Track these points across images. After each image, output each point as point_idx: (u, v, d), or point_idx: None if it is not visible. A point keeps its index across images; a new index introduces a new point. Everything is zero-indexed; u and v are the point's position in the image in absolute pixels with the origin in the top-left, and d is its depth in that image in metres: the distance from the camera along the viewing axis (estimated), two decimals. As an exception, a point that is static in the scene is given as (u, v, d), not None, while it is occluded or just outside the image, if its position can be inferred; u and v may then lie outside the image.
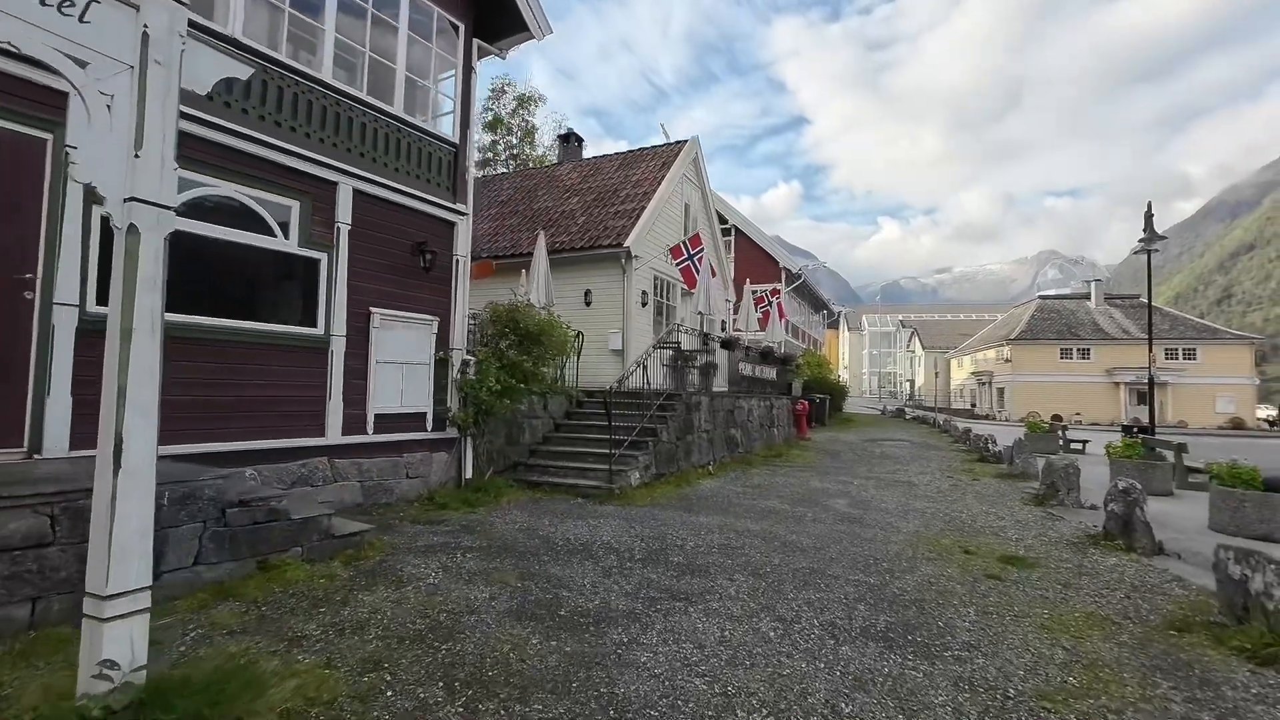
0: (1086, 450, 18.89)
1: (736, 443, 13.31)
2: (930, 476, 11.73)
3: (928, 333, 67.70)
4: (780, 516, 7.57)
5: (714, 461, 11.68)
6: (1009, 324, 48.56)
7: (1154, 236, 15.95)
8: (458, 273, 8.17)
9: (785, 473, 11.59)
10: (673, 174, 15.98)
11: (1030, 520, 7.84)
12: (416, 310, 7.64)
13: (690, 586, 4.77)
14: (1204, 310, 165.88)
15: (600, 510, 7.42)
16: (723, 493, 9.06)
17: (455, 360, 8.09)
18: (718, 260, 19.61)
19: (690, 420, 10.84)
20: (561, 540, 5.93)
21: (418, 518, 6.55)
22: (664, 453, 9.64)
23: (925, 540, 6.62)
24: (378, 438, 7.15)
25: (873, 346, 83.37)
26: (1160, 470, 11.38)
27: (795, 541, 6.35)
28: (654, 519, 7.05)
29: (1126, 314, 43.77)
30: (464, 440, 8.15)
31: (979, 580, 5.26)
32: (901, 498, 9.23)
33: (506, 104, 28.55)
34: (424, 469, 7.67)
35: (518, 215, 17.08)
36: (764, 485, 9.96)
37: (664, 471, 9.56)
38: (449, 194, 8.16)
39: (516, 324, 8.35)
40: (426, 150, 7.91)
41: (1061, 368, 41.79)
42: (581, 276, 14.45)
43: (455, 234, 8.20)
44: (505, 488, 8.15)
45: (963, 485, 10.71)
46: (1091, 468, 13.38)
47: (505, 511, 7.13)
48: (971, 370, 52.48)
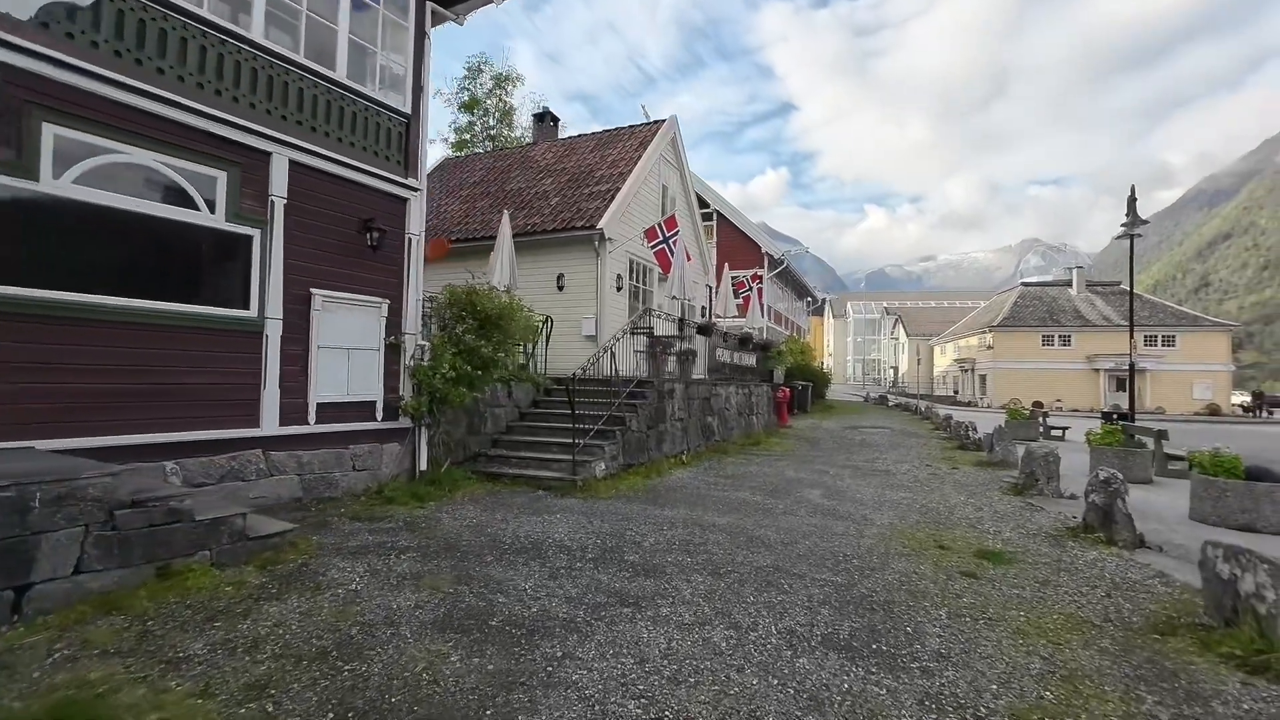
0: (1067, 437, 18.82)
1: (713, 431, 12.96)
2: (909, 465, 11.47)
3: (912, 320, 67.79)
4: (750, 509, 7.22)
5: (688, 451, 11.33)
6: (992, 311, 48.67)
7: (1136, 221, 15.74)
8: (410, 252, 7.67)
9: (761, 462, 11.27)
10: (649, 154, 15.48)
11: (1008, 511, 7.56)
12: (364, 292, 7.15)
13: (642, 589, 4.39)
14: (1182, 298, 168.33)
15: (560, 504, 7.02)
16: (693, 484, 8.70)
17: (408, 345, 7.62)
18: (697, 244, 19.19)
19: (662, 409, 10.45)
20: (511, 538, 5.52)
21: (359, 514, 6.11)
22: (633, 442, 9.26)
23: (899, 534, 6.31)
24: (320, 428, 6.69)
25: (857, 334, 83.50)
26: (1140, 457, 11.21)
27: (762, 537, 6.00)
28: (615, 513, 6.67)
29: (1107, 301, 43.98)
30: (418, 430, 7.70)
31: (953, 578, 4.94)
32: (878, 488, 8.93)
33: (483, 84, 27.73)
34: (373, 461, 7.22)
35: (490, 196, 16.50)
36: (738, 475, 9.62)
37: (633, 462, 9.18)
38: (400, 168, 7.64)
39: (474, 308, 7.88)
40: (374, 121, 7.38)
41: (1043, 355, 41.96)
42: (554, 259, 13.96)
43: (407, 211, 7.70)
44: (462, 480, 7.73)
45: (941, 474, 10.45)
46: (1071, 455, 13.21)
47: (457, 506, 6.71)
48: (954, 357, 52.64)
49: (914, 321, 67.33)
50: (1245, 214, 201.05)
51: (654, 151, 15.75)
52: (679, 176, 17.65)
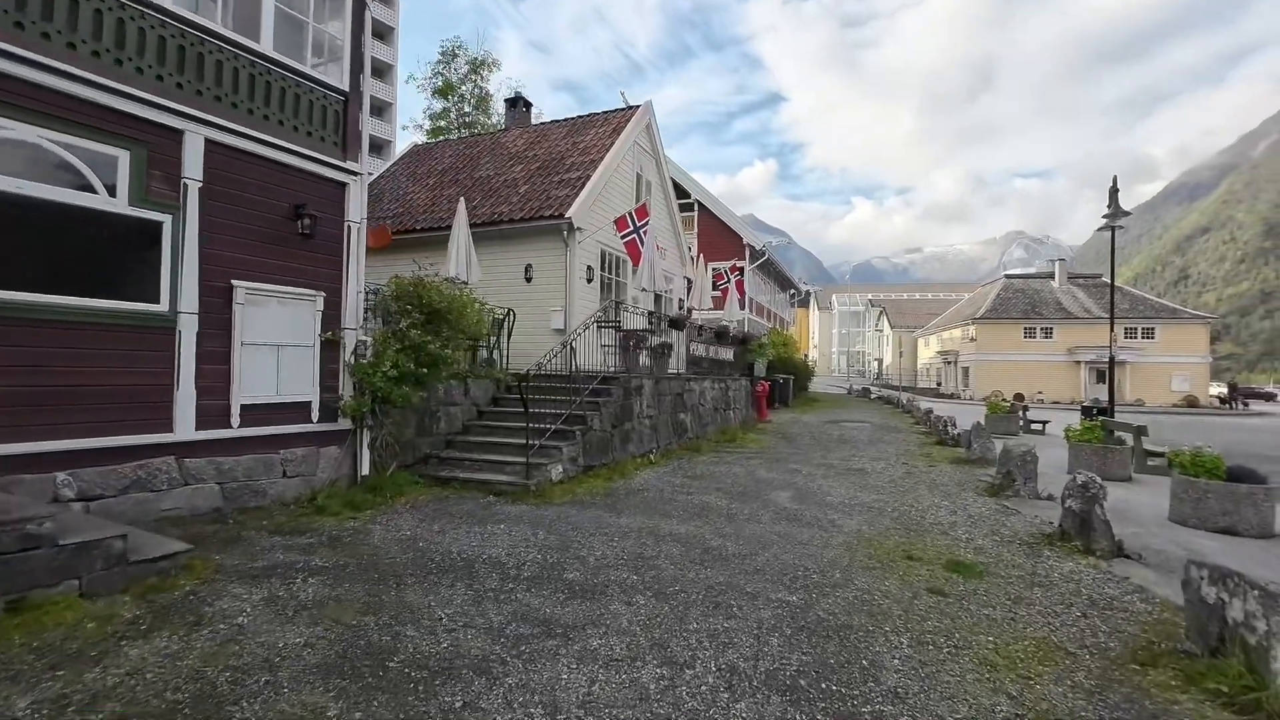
0: (1046, 431, 18.65)
1: (685, 428, 12.56)
2: (885, 463, 11.13)
3: (896, 312, 67.89)
4: (713, 515, 6.81)
5: (657, 450, 10.91)
6: (975, 303, 48.72)
7: (1118, 212, 15.49)
8: (350, 242, 7.14)
9: (733, 460, 10.88)
10: (623, 140, 14.95)
11: (983, 515, 7.22)
12: (296, 284, 6.62)
13: (574, 616, 3.95)
14: (1161, 291, 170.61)
15: (508, 512, 6.57)
16: (658, 486, 8.28)
17: (348, 341, 7.11)
18: (674, 235, 18.71)
19: (629, 406, 10.01)
20: (442, 554, 5.06)
21: (282, 526, 5.61)
22: (595, 442, 8.81)
23: (867, 542, 5.93)
24: (246, 431, 6.17)
25: (842, 325, 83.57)
26: (1119, 454, 10.96)
27: (720, 548, 5.59)
28: (566, 522, 6.23)
29: (1089, 293, 44.13)
30: (360, 432, 7.20)
31: (919, 596, 4.55)
32: (850, 489, 8.57)
33: (459, 69, 26.96)
34: (308, 466, 6.71)
35: (458, 184, 15.90)
36: (706, 476, 9.22)
37: (594, 463, 8.74)
38: (337, 150, 7.09)
39: (420, 301, 7.37)
40: (307, 98, 6.81)
41: (1025, 347, 42.04)
42: (522, 250, 13.43)
43: (346, 196, 7.15)
44: (408, 485, 7.25)
45: (917, 473, 10.12)
46: (1051, 451, 12.97)
47: (394, 516, 6.23)
48: (938, 349, 52.72)
49: (898, 313, 67.43)
50: (1224, 208, 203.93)
51: (628, 138, 15.22)
52: (655, 164, 17.14)
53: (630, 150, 15.59)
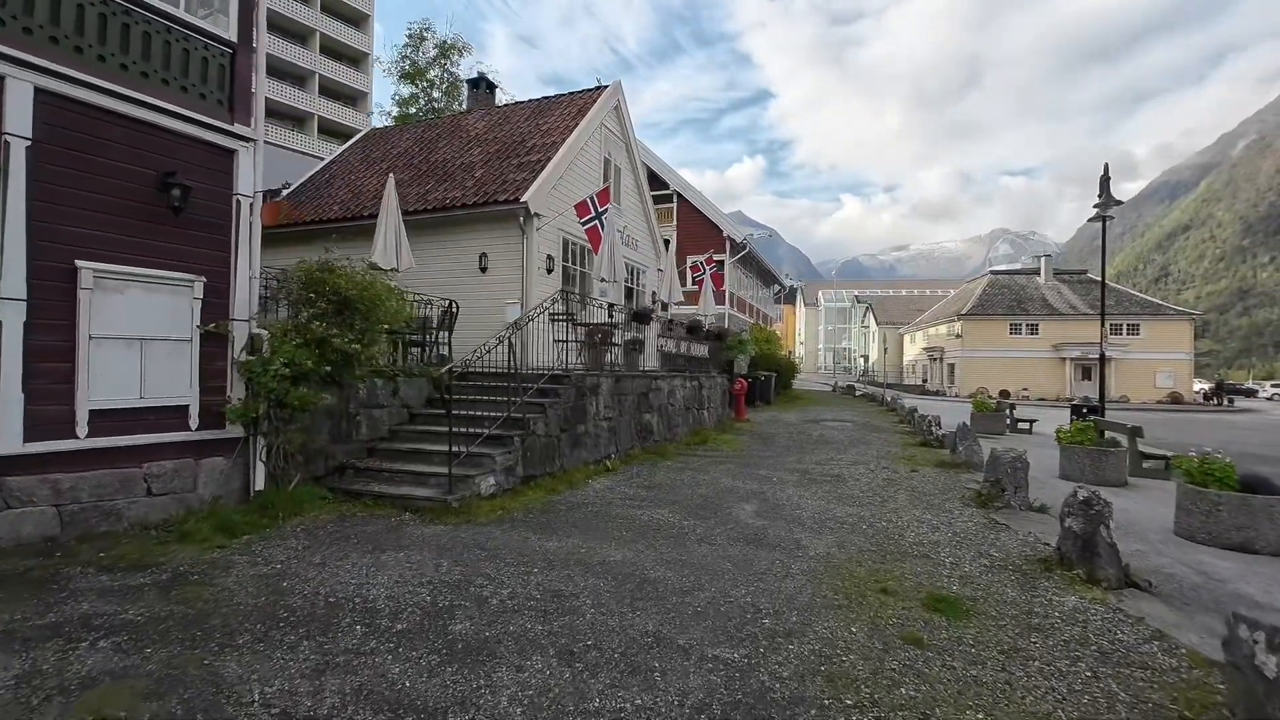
0: (1034, 430, 17.94)
1: (650, 430, 11.63)
2: (864, 468, 10.27)
3: (883, 308, 67.39)
4: (660, 536, 5.89)
5: (616, 454, 9.98)
6: (961, 299, 48.24)
7: (1109, 202, 14.74)
8: (239, 218, 6.12)
9: (700, 466, 9.97)
10: (587, 122, 13.96)
11: (970, 532, 6.35)
12: (166, 266, 5.60)
13: (441, 692, 3.01)
14: (1143, 288, 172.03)
15: (417, 535, 5.60)
16: (606, 499, 7.35)
17: (238, 335, 6.10)
18: (647, 225, 17.77)
19: (582, 407, 9.06)
20: (306, 597, 4.09)
21: (121, 560, 4.60)
22: (538, 449, 7.86)
23: (835, 570, 5.03)
24: (97, 442, 5.16)
25: (828, 322, 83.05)
26: (1114, 458, 10.18)
27: (660, 581, 4.67)
28: (482, 547, 5.27)
29: (1074, 290, 43.74)
30: (253, 441, 6.19)
31: (892, 649, 3.66)
32: (823, 500, 7.68)
33: (427, 52, 25.79)
34: (182, 481, 5.70)
35: (413, 168, 14.85)
36: (665, 485, 8.30)
37: (537, 473, 7.78)
38: (223, 110, 6.07)
39: (324, 287, 6.37)
40: (181, 47, 5.78)
41: (1010, 343, 41.57)
42: (476, 238, 12.43)
43: (235, 165, 6.13)
44: (311, 501, 6.25)
45: (898, 480, 9.26)
46: (1041, 451, 12.20)
47: (275, 542, 5.24)
48: (924, 346, 52.23)
49: (884, 310, 66.96)
50: (1204, 206, 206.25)
51: (593, 119, 14.23)
52: (625, 149, 16.17)
53: (597, 133, 14.61)
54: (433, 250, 12.74)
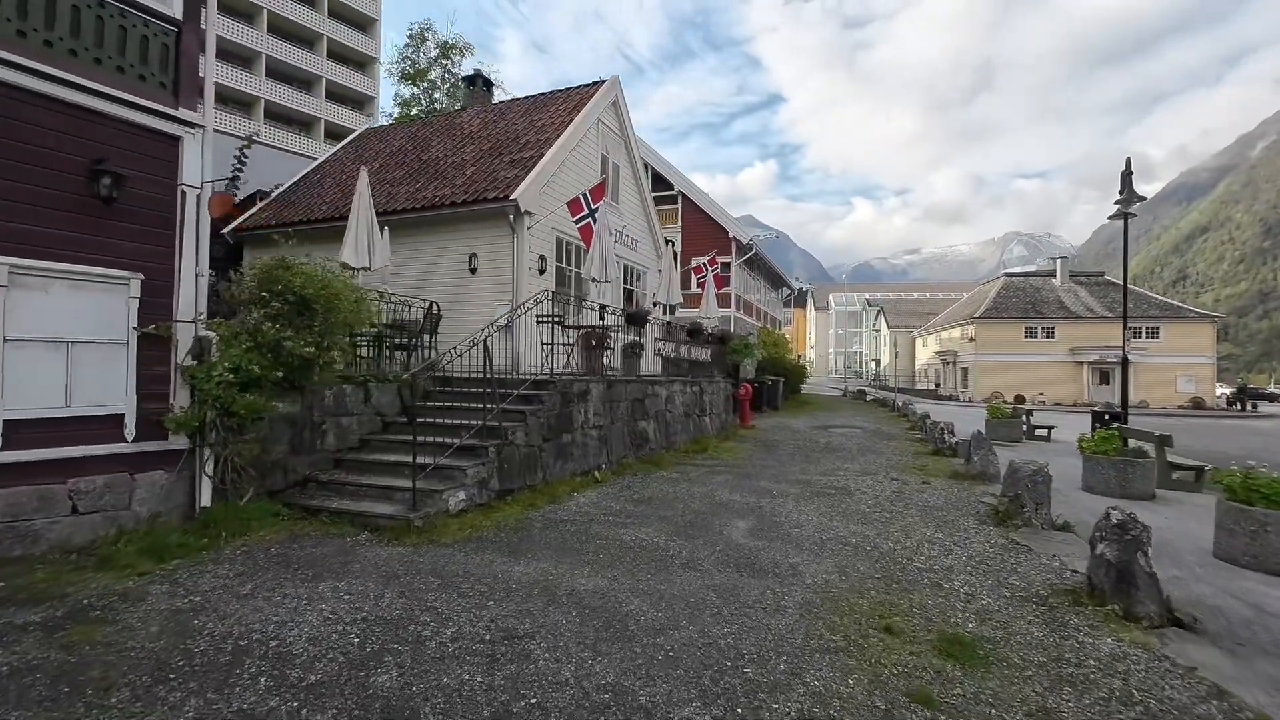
0: (1052, 437, 17.19)
1: (646, 439, 11.06)
2: (872, 480, 9.63)
3: (894, 312, 66.41)
4: (641, 559, 5.32)
5: (607, 465, 9.41)
6: (974, 302, 47.29)
7: (1132, 198, 14.02)
8: (184, 211, 5.63)
9: (697, 477, 9.38)
10: (583, 118, 13.44)
11: (987, 555, 5.72)
12: (96, 262, 5.11)
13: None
14: (1160, 292, 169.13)
15: (370, 558, 5.05)
16: (589, 514, 6.78)
17: (183, 337, 5.60)
18: (648, 225, 17.22)
19: (568, 414, 8.51)
20: (216, 639, 3.53)
21: (23, 590, 4.04)
22: (517, 460, 7.30)
23: (834, 603, 4.43)
24: (12, 456, 4.66)
25: (839, 326, 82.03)
26: (1141, 469, 9.49)
27: (632, 616, 4.09)
28: (435, 575, 4.72)
29: (1091, 292, 42.69)
30: (199, 452, 5.69)
31: (895, 709, 3.07)
32: (826, 516, 7.07)
33: (428, 53, 25.45)
34: (114, 498, 5.20)
35: (404, 167, 14.40)
36: (656, 499, 7.72)
37: (515, 486, 7.22)
38: (166, 94, 5.59)
39: (276, 286, 5.86)
40: (117, 24, 5.31)
41: (1025, 347, 40.58)
42: (466, 237, 11.94)
43: (180, 154, 5.65)
44: (263, 519, 5.73)
45: (908, 493, 8.62)
46: (1060, 460, 11.50)
47: (208, 568, 4.70)
48: (936, 350, 51.28)
49: (896, 313, 66.00)
50: (1222, 208, 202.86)
51: (589, 115, 13.72)
52: (624, 147, 15.65)
53: (594, 129, 14.10)
54: (423, 250, 12.28)
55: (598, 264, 9.98)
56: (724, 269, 25.27)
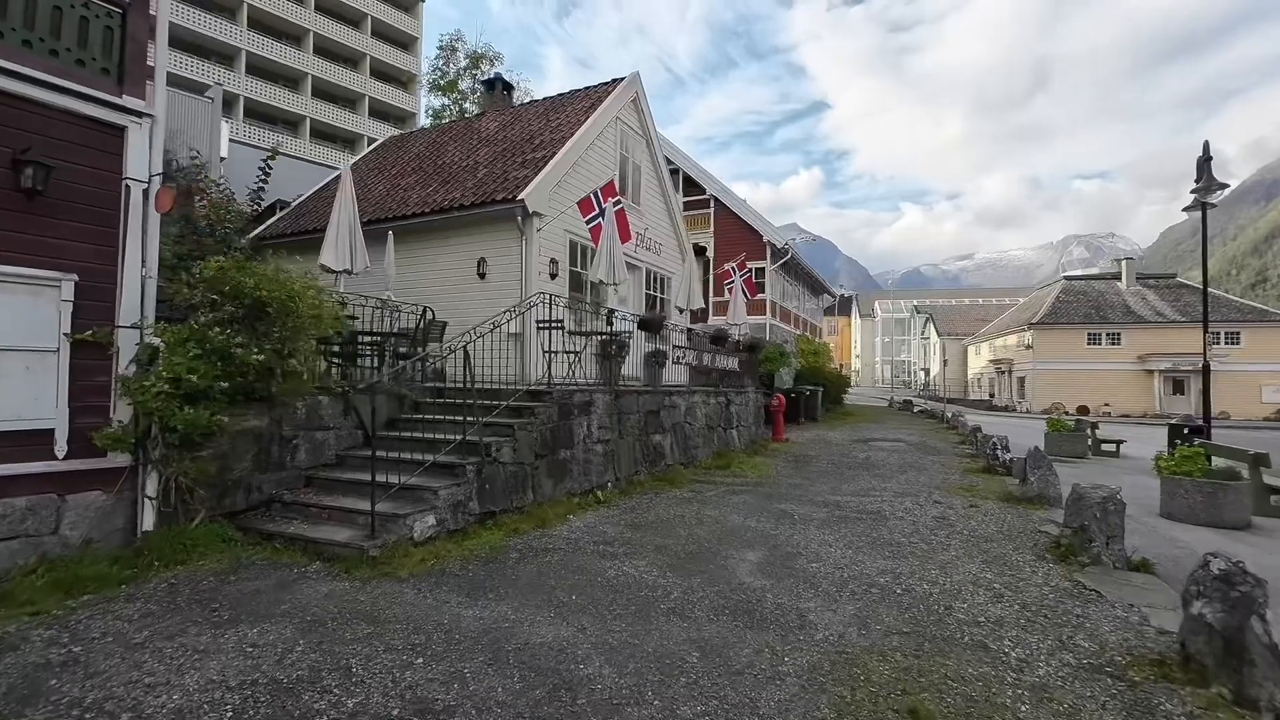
0: (1121, 452, 15.56)
1: (662, 454, 10.23)
2: (912, 501, 8.56)
3: (944, 318, 63.55)
4: (621, 601, 4.51)
5: (614, 483, 8.63)
6: (1031, 307, 44.66)
7: (1212, 185, 12.51)
8: (128, 206, 5.17)
9: (712, 497, 8.51)
10: (599, 116, 12.82)
11: (1047, 603, 4.69)
12: (18, 261, 4.66)
13: None
14: (1238, 295, 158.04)
15: (303, 597, 4.39)
16: (577, 543, 6.01)
17: (124, 345, 5.13)
18: (673, 229, 16.45)
19: (567, 428, 7.78)
20: (57, 711, 2.89)
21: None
22: (501, 479, 6.60)
23: (847, 668, 3.54)
24: (-84, 476, 4.22)
25: (885, 334, 79.15)
26: (1233, 493, 8.17)
27: (586, 683, 3.30)
28: (370, 620, 4.02)
29: (1161, 295, 39.66)
30: (142, 471, 5.19)
31: None
32: (851, 548, 6.11)
33: (458, 63, 25.46)
34: (38, 522, 4.71)
35: (419, 172, 14.07)
36: (659, 523, 6.90)
37: (499, 508, 6.51)
38: (109, 81, 5.15)
39: (223, 289, 5.34)
40: (52, 3, 4.89)
41: (1088, 354, 37.92)
42: (475, 241, 11.43)
43: (125, 145, 5.20)
44: (211, 545, 5.18)
45: (952, 519, 7.55)
46: (1132, 480, 10.16)
47: (116, 606, 4.10)
48: (990, 358, 48.67)
49: (946, 320, 63.19)
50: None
51: (606, 113, 13.09)
52: (645, 146, 14.95)
53: (612, 128, 13.46)
54: (433, 256, 11.85)
55: (604, 265, 9.27)
56: (758, 274, 24.27)
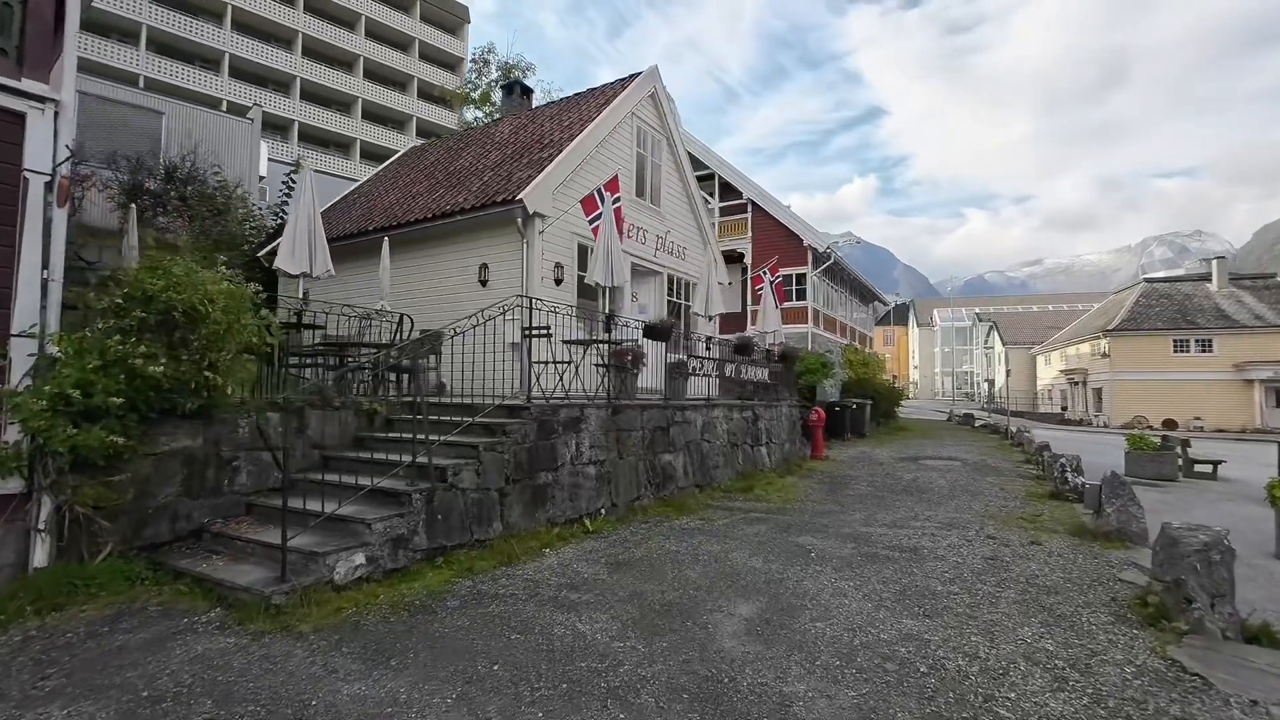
0: (1219, 474, 13.50)
1: (672, 475, 9.20)
2: (959, 535, 7.25)
3: (1009, 326, 59.67)
4: (556, 675, 3.54)
5: (609, 509, 7.66)
6: (1108, 312, 41.23)
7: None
8: (25, 201, 4.62)
9: (721, 527, 7.42)
10: (611, 112, 12.02)
11: (1130, 698, 3.43)
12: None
13: None
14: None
15: (172, 658, 3.60)
16: (534, 588, 5.07)
17: (14, 355, 4.55)
18: (699, 231, 15.47)
19: (549, 448, 6.89)
20: None
21: None
22: (458, 509, 5.74)
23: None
24: None
25: (945, 343, 75.21)
26: (1377, 533, 6.51)
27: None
28: (217, 699, 3.18)
29: (1259, 297, 35.79)
30: (37, 498, 4.57)
31: None
32: (871, 601, 4.95)
33: (489, 75, 25.35)
34: (-100, 559, 4.14)
35: (431, 179, 13.61)
36: (645, 563, 5.89)
37: (452, 543, 5.64)
38: (7, 61, 4.63)
39: (130, 293, 4.70)
40: (-67, -23, 4.42)
41: (1174, 363, 34.49)
42: (477, 248, 10.78)
43: (25, 134, 4.66)
44: (110, 585, 4.50)
45: (1007, 560, 6.23)
46: (1234, 509, 8.51)
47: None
48: (1061, 368, 45.23)
49: (1011, 328, 59.39)
50: None
51: (619, 109, 12.28)
52: (666, 146, 14.05)
53: (626, 125, 12.64)
54: (436, 264, 11.29)
55: (600, 266, 8.38)
56: (799, 280, 22.96)
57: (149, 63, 35.30)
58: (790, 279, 23.03)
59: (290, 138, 41.90)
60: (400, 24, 48.06)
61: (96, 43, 33.29)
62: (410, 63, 48.58)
